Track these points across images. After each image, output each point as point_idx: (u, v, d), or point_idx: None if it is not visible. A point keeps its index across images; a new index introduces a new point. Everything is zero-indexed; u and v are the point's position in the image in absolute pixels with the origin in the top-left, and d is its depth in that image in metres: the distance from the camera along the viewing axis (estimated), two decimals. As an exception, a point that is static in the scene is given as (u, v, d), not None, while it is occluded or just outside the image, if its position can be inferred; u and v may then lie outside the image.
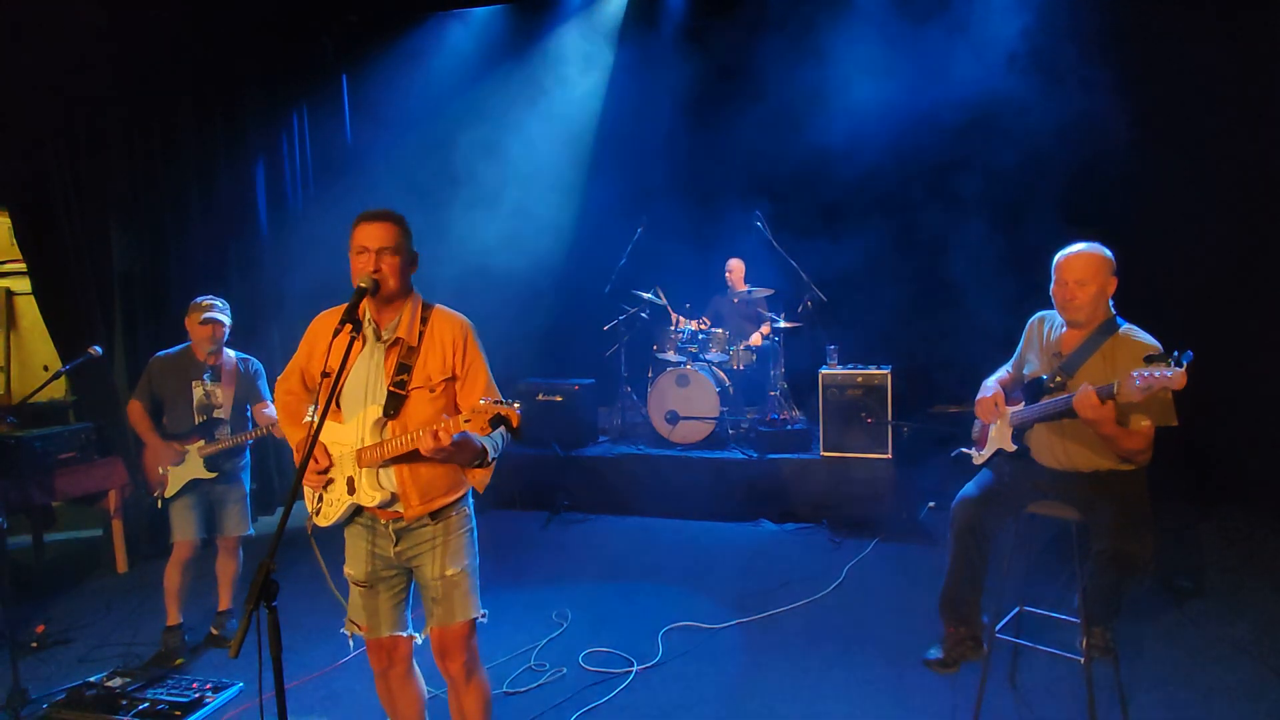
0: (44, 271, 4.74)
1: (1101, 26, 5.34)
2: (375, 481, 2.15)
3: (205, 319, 3.49)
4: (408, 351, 2.17)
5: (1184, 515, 4.81)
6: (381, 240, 2.14)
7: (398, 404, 2.15)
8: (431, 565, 2.21)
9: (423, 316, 2.23)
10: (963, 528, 2.79)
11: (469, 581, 2.25)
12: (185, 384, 3.55)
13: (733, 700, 3.00)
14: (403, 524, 2.20)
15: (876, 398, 5.10)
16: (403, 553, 2.22)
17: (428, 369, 2.18)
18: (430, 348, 2.19)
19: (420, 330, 2.20)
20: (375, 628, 2.27)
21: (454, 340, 2.21)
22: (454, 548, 2.23)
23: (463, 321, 2.26)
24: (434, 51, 6.85)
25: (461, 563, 2.24)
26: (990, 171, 5.70)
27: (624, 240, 6.34)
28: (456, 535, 2.24)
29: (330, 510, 2.21)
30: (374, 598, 2.26)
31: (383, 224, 2.16)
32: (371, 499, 2.14)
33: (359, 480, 2.15)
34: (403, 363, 2.16)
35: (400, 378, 2.15)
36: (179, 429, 3.54)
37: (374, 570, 2.24)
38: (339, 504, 2.19)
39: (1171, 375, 2.15)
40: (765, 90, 6.36)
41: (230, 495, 3.62)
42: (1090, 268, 2.55)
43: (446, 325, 2.23)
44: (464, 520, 2.28)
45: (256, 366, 3.72)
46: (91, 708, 3.01)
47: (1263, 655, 3.15)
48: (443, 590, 2.21)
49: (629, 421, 6.22)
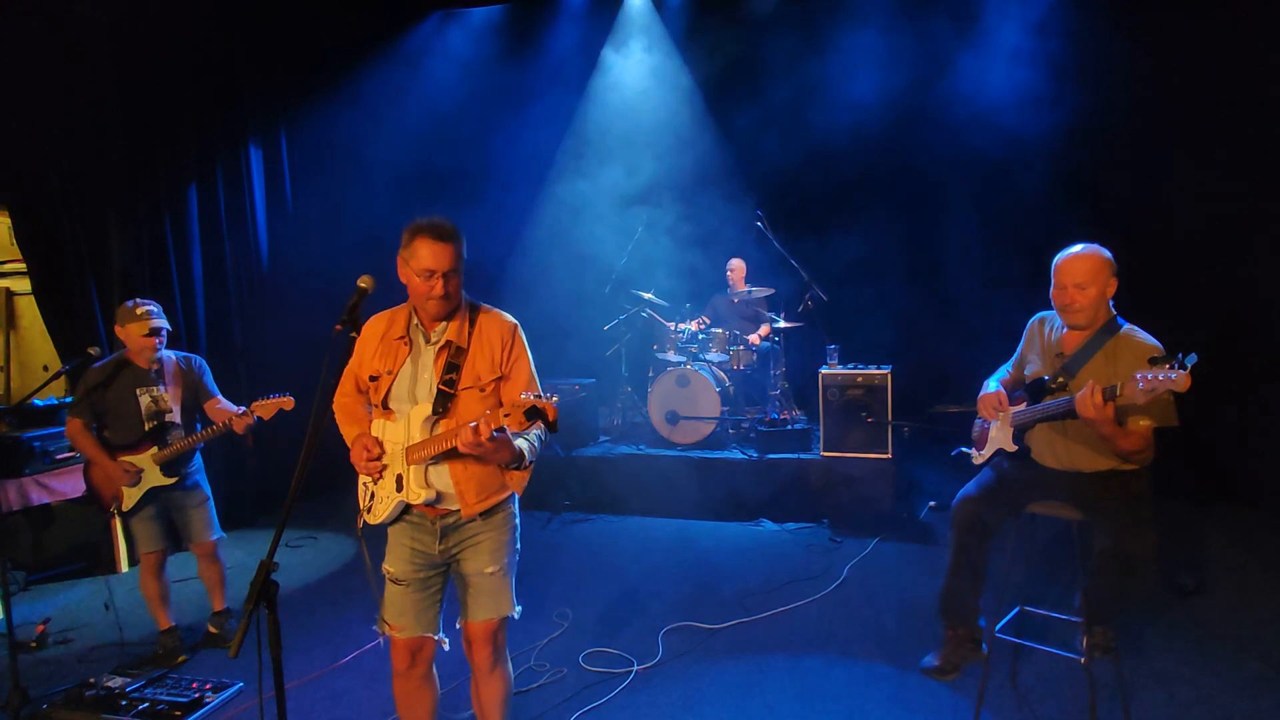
0: (44, 271, 4.73)
1: (1103, 23, 5.34)
2: (423, 480, 2.17)
3: (153, 329, 3.37)
4: (457, 352, 2.19)
5: (1184, 514, 4.81)
6: (450, 263, 2.12)
7: (446, 402, 2.17)
8: (474, 560, 2.25)
9: (470, 318, 2.26)
10: (963, 527, 2.79)
11: (508, 580, 2.29)
12: (129, 394, 3.41)
13: (733, 700, 3.00)
14: (451, 520, 2.22)
15: (876, 398, 5.10)
16: (447, 550, 2.25)
17: (477, 369, 2.21)
18: (479, 348, 2.22)
19: (469, 332, 2.23)
20: (407, 627, 2.26)
21: (502, 340, 2.24)
22: (497, 544, 2.26)
23: (510, 321, 2.30)
24: (434, 51, 6.85)
25: (502, 560, 2.27)
26: (991, 171, 5.71)
27: (624, 240, 6.34)
28: (501, 532, 2.28)
29: (380, 508, 2.23)
30: (410, 596, 2.26)
31: (450, 245, 2.12)
32: (418, 496, 2.16)
33: (407, 478, 2.18)
34: (451, 362, 2.18)
35: (449, 376, 2.18)
36: (127, 439, 3.41)
37: (414, 568, 2.25)
38: (388, 501, 2.21)
39: (1176, 377, 2.14)
40: (766, 88, 6.37)
41: (189, 501, 3.54)
42: (1089, 271, 2.54)
43: (494, 325, 2.26)
44: (509, 518, 2.31)
45: (200, 363, 3.63)
46: (91, 708, 3.01)
47: (1265, 654, 3.15)
48: (483, 586, 2.25)
49: (629, 421, 6.22)
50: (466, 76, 6.83)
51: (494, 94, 6.93)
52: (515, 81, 6.88)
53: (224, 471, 5.31)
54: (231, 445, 3.50)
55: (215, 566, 3.66)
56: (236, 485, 5.56)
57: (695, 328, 6.00)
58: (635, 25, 6.85)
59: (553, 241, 7.01)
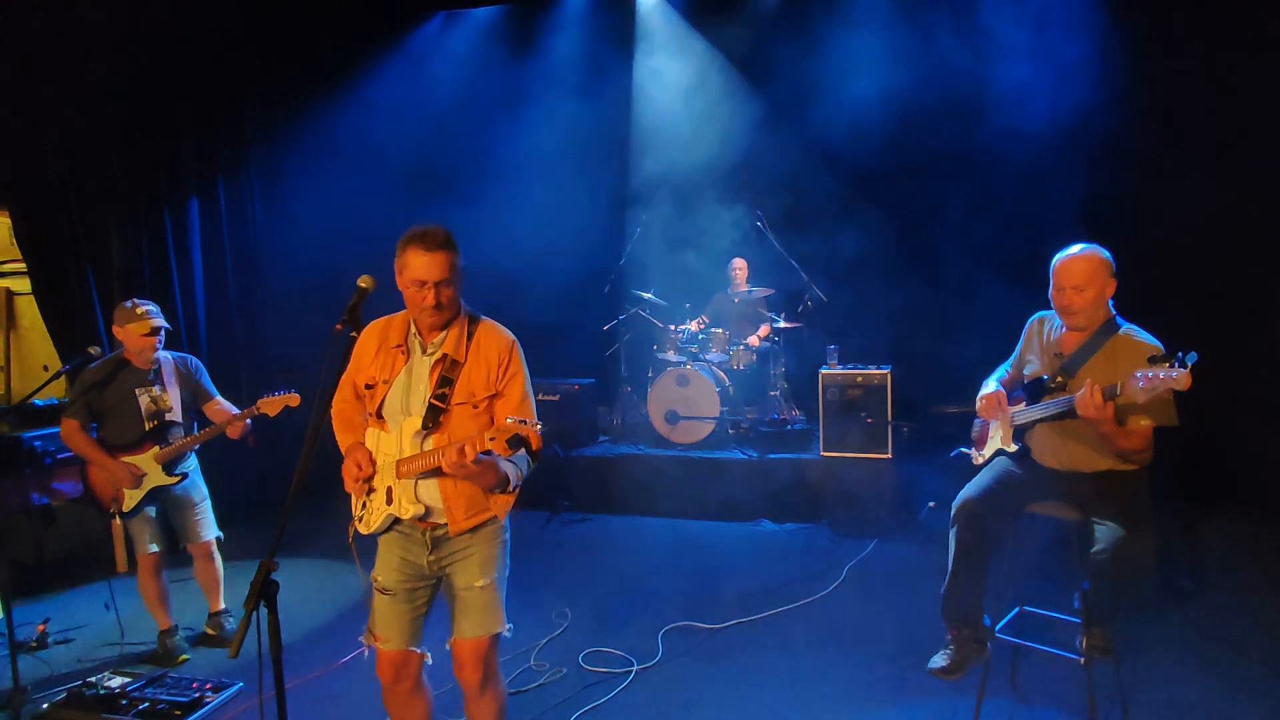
0: (44, 271, 4.73)
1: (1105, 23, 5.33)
2: (413, 495, 2.13)
3: (153, 328, 3.35)
4: (452, 365, 2.15)
5: (1184, 515, 4.81)
6: (441, 273, 2.07)
7: (437, 416, 2.13)
8: (463, 574, 2.20)
9: (469, 330, 2.21)
10: (963, 527, 2.79)
11: (498, 595, 2.24)
12: (127, 394, 3.39)
13: (733, 700, 3.00)
14: (442, 532, 2.19)
15: (876, 398, 5.10)
16: (436, 562, 2.21)
17: (472, 384, 2.16)
18: (476, 363, 2.17)
19: (467, 345, 2.18)
20: (392, 639, 2.23)
21: (499, 356, 2.19)
22: (487, 559, 2.22)
23: (509, 337, 2.25)
24: (435, 50, 6.86)
25: (492, 575, 2.22)
26: (992, 170, 5.70)
27: (624, 240, 6.34)
28: (490, 546, 2.23)
29: (371, 518, 2.21)
30: (396, 607, 2.23)
31: (441, 255, 2.06)
32: (407, 511, 2.14)
33: (397, 491, 2.15)
34: (445, 376, 2.14)
35: (442, 390, 2.13)
36: (127, 438, 3.40)
37: (402, 578, 2.22)
38: (379, 512, 2.19)
39: (1177, 376, 2.14)
40: (767, 87, 6.37)
41: (187, 502, 3.54)
42: (1088, 272, 2.54)
43: (493, 340, 2.21)
44: (499, 532, 2.27)
45: (195, 364, 3.62)
46: (91, 707, 3.00)
47: (1263, 655, 3.15)
48: (471, 602, 2.20)
49: (629, 421, 6.22)
50: (467, 76, 6.83)
51: (494, 94, 6.93)
52: (514, 81, 6.88)
53: (225, 471, 5.30)
54: (233, 444, 3.50)
55: (212, 566, 3.65)
56: (237, 484, 5.55)
57: (695, 328, 6.00)
58: (635, 26, 6.85)
59: (553, 241, 7.00)
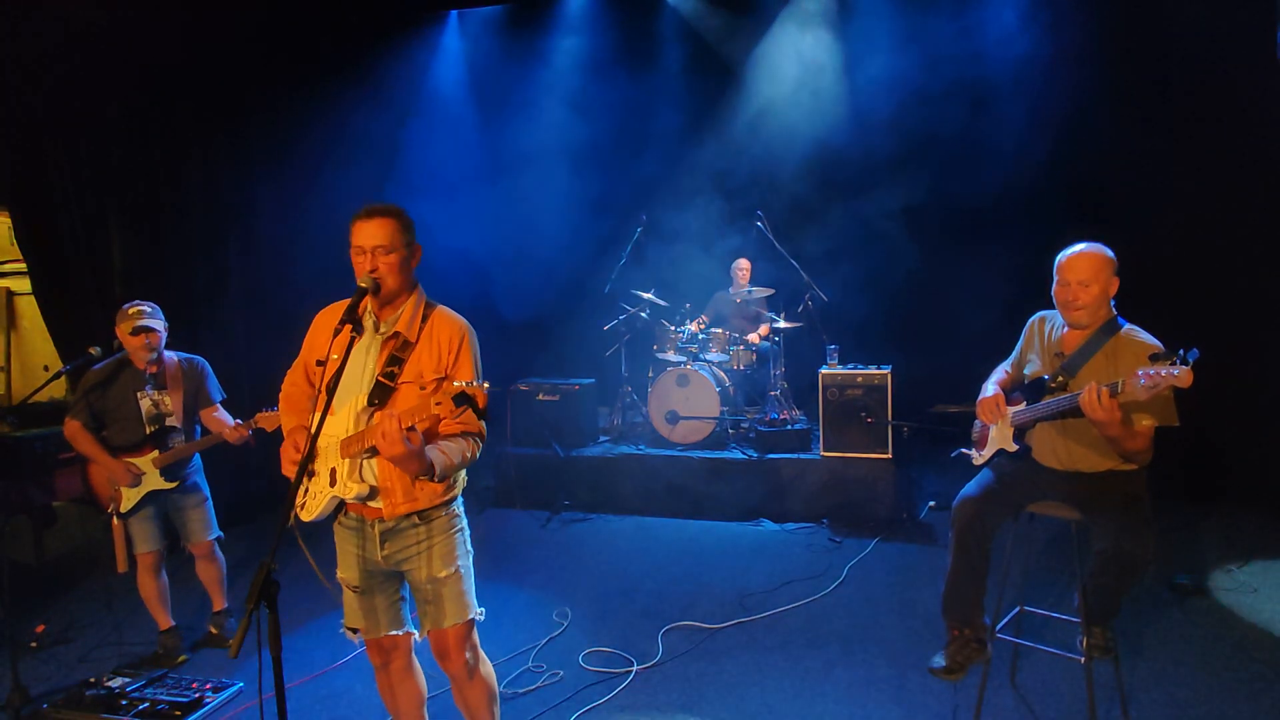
0: (44, 271, 4.73)
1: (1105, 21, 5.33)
2: (356, 474, 2.10)
3: (137, 328, 3.29)
4: (403, 345, 2.15)
5: (1184, 515, 4.81)
6: (378, 239, 2.10)
7: (384, 395, 2.12)
8: (422, 569, 2.18)
9: (424, 314, 2.22)
10: (964, 527, 2.78)
11: (462, 583, 2.22)
12: (128, 396, 3.37)
13: (733, 700, 3.00)
14: (388, 525, 2.16)
15: (876, 398, 5.10)
16: (390, 556, 2.18)
17: (420, 365, 2.15)
18: (427, 345, 2.17)
19: (420, 327, 2.19)
20: (371, 628, 2.25)
21: (450, 340, 2.19)
22: (443, 550, 2.20)
23: (463, 324, 2.25)
24: (438, 50, 6.86)
25: (452, 564, 2.20)
26: (992, 170, 5.70)
27: (624, 240, 6.34)
28: (445, 537, 2.21)
29: (313, 504, 2.17)
30: (369, 600, 2.24)
31: (380, 221, 2.11)
32: (350, 491, 2.10)
33: (340, 471, 2.12)
34: (395, 355, 2.14)
35: (390, 369, 2.12)
36: (128, 440, 3.38)
37: (365, 574, 2.22)
38: (321, 496, 2.15)
39: (1179, 373, 2.13)
40: (767, 87, 6.36)
41: (188, 502, 3.52)
42: (1093, 268, 2.54)
43: (445, 325, 2.21)
44: (453, 521, 2.24)
45: (202, 364, 3.56)
46: (91, 708, 3.01)
47: (1263, 655, 3.15)
48: (435, 593, 2.18)
49: (629, 421, 6.21)
50: (470, 76, 6.85)
51: (495, 93, 6.94)
52: (515, 81, 6.88)
53: (226, 471, 5.30)
54: (234, 445, 3.49)
55: (213, 566, 3.65)
56: (238, 484, 5.55)
57: (695, 328, 5.99)
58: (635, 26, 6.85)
59: (553, 241, 7.01)
